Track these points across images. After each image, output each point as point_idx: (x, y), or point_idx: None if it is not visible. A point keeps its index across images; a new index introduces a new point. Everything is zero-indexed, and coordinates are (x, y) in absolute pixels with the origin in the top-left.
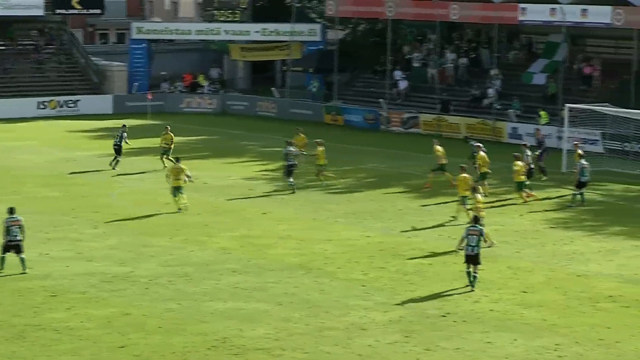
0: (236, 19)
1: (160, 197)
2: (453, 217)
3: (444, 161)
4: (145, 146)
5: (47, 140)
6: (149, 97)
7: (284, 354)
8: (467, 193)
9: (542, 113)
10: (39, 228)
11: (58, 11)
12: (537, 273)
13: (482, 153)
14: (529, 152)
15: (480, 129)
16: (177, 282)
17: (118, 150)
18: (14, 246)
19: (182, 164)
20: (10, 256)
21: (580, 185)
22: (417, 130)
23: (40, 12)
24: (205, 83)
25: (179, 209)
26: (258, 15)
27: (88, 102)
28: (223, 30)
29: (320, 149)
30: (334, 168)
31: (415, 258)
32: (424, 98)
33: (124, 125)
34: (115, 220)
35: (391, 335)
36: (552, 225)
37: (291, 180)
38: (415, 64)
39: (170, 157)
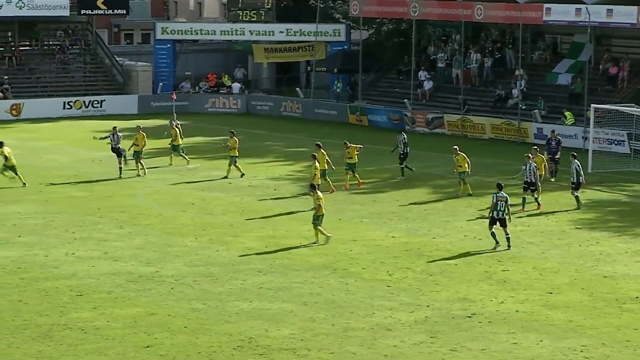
0: (260, 20)
1: (185, 197)
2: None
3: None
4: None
5: (72, 140)
6: (173, 97)
7: (309, 354)
8: (237, 153)
9: (567, 113)
10: (64, 228)
11: (83, 11)
12: (563, 274)
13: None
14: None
15: (505, 129)
16: (203, 282)
17: (116, 150)
18: None
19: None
20: (37, 255)
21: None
22: (441, 131)
23: (65, 13)
24: (229, 83)
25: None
26: (282, 15)
27: (113, 103)
28: (247, 31)
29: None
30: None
31: (440, 259)
32: (449, 98)
33: (115, 128)
34: (141, 220)
35: (416, 335)
36: (578, 226)
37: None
38: (440, 65)
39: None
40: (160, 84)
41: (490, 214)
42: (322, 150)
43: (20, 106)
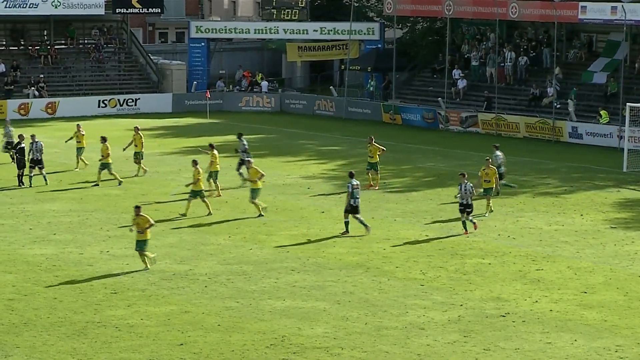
0: (294, 18)
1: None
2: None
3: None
4: (202, 145)
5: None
6: (207, 95)
7: (343, 353)
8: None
9: (602, 112)
10: (99, 226)
11: (118, 10)
12: (597, 273)
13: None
14: (498, 153)
15: (540, 128)
16: (236, 280)
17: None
18: None
19: None
20: (72, 253)
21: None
22: (475, 130)
23: (100, 12)
24: (262, 82)
25: None
26: (316, 14)
27: (148, 101)
28: (281, 29)
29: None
30: (391, 167)
31: (474, 258)
32: (483, 97)
33: (33, 136)
34: (175, 218)
35: (450, 335)
36: (613, 226)
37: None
38: (474, 63)
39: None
40: (195, 82)
41: (348, 202)
42: (215, 151)
43: (55, 104)
